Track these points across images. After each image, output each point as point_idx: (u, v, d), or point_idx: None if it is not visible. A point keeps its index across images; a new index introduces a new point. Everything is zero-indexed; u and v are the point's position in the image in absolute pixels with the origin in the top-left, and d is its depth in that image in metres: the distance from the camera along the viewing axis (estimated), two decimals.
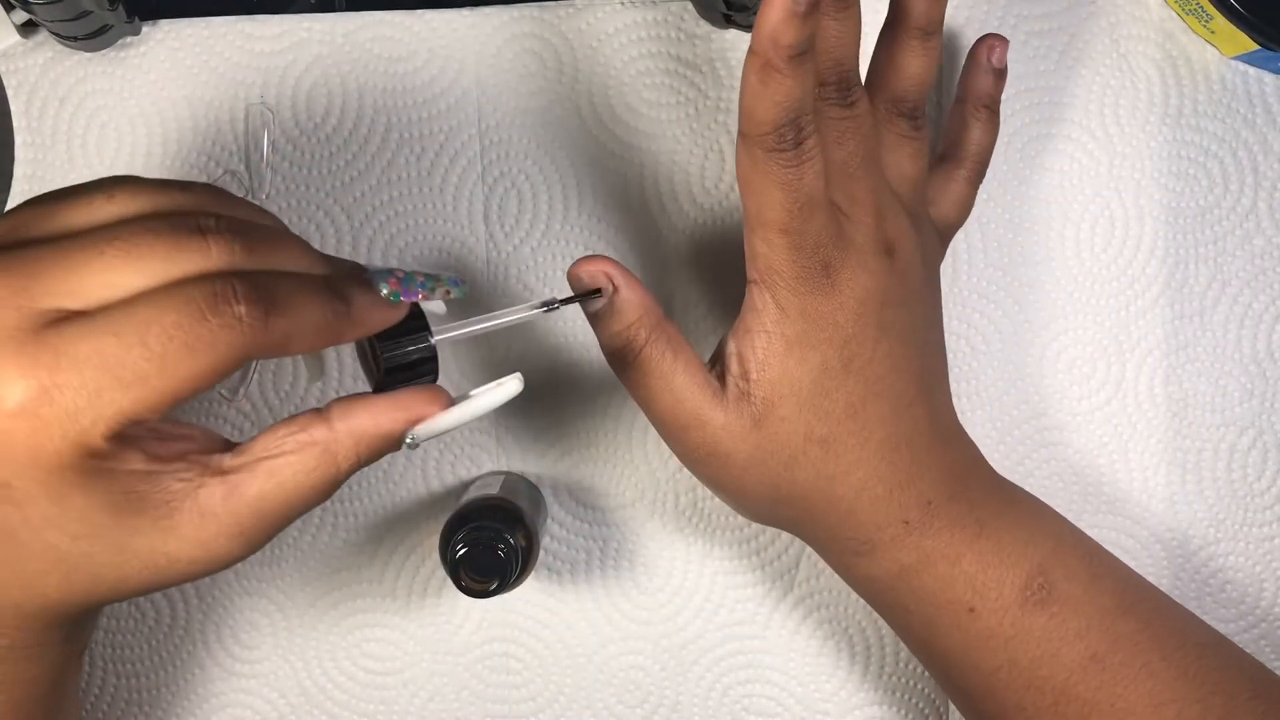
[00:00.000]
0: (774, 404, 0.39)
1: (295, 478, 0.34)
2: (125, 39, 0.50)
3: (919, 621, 0.42)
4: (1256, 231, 0.51)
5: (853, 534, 0.41)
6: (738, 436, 0.40)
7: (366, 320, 0.35)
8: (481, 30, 0.51)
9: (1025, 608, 0.40)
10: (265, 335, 0.31)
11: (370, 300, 0.35)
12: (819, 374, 0.39)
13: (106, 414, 0.30)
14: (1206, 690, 0.40)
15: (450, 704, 0.52)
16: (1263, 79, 0.51)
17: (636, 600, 0.52)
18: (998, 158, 0.51)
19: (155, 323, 0.30)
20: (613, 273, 0.40)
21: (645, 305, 0.40)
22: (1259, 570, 0.52)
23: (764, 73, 0.36)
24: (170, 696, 0.52)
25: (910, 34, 0.42)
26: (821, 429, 0.40)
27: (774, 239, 0.38)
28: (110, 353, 0.30)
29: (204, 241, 0.32)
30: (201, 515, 0.33)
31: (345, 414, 0.35)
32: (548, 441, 0.52)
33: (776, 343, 0.39)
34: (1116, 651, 0.40)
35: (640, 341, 0.40)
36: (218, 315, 0.31)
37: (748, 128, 0.37)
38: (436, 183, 0.51)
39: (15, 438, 0.30)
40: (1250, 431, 0.51)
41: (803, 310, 0.39)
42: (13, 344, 0.30)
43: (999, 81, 0.47)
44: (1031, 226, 0.51)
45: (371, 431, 0.35)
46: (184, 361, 0.30)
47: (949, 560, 0.41)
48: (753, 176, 0.38)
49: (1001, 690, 0.41)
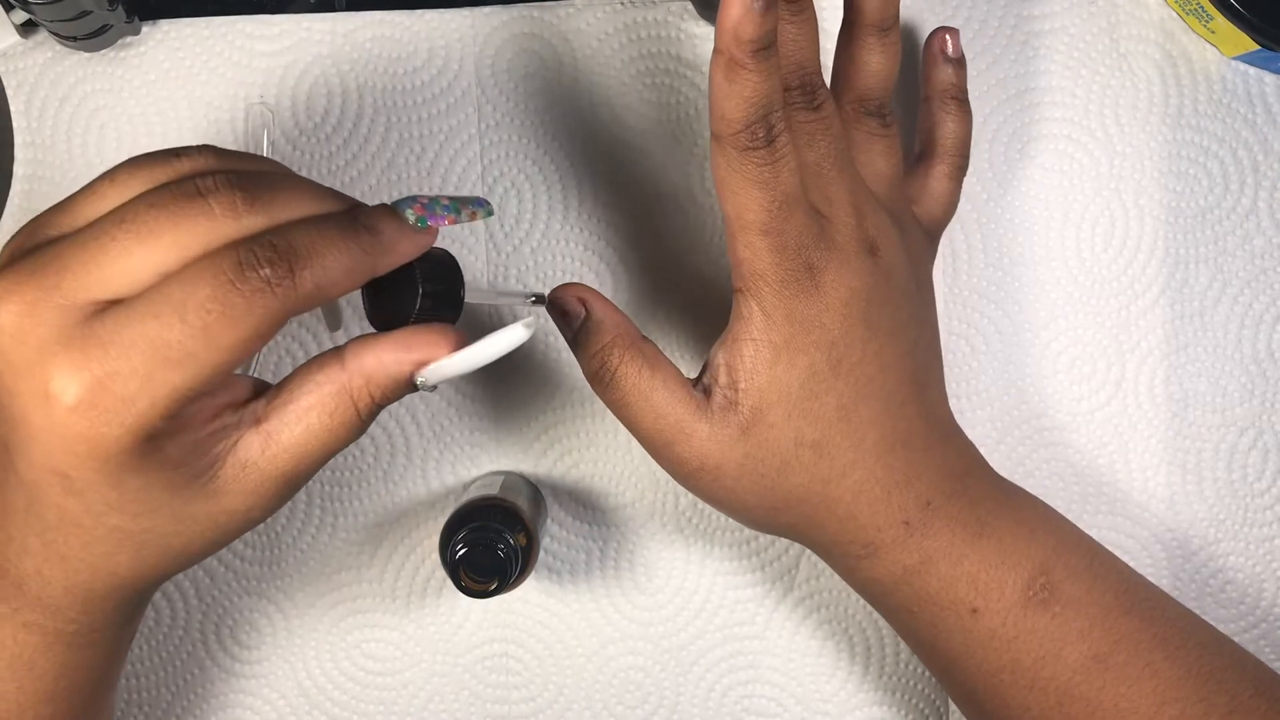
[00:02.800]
0: (762, 411, 0.39)
1: (320, 420, 0.35)
2: (125, 39, 0.50)
3: (923, 624, 0.42)
4: (1257, 231, 0.51)
5: (853, 537, 0.41)
6: (726, 446, 0.40)
7: (398, 247, 0.35)
8: (481, 30, 0.51)
9: (1028, 608, 0.40)
10: (297, 290, 0.32)
11: (399, 226, 0.35)
12: (807, 378, 0.39)
13: (161, 395, 0.31)
14: (1210, 689, 0.40)
15: (450, 704, 0.52)
16: (1263, 79, 0.51)
17: (636, 601, 0.52)
18: (998, 157, 0.51)
19: (190, 299, 0.31)
20: (586, 296, 0.41)
21: (619, 325, 0.41)
22: (1259, 570, 0.52)
23: (730, 70, 0.36)
24: (170, 696, 0.52)
25: (868, 31, 0.42)
26: (812, 433, 0.40)
27: (756, 242, 0.38)
28: (155, 335, 0.30)
29: (205, 202, 0.32)
30: (244, 468, 0.34)
31: (356, 355, 0.35)
32: (547, 441, 0.52)
33: (764, 350, 0.39)
34: (1119, 651, 0.40)
35: (615, 361, 0.40)
36: (246, 282, 0.31)
37: (719, 128, 0.37)
38: (436, 183, 0.51)
39: (76, 430, 0.31)
40: (1250, 432, 0.51)
41: (789, 314, 0.39)
42: (61, 341, 0.31)
43: (960, 71, 0.47)
44: (1031, 226, 0.51)
45: (380, 372, 0.35)
46: (226, 332, 0.31)
47: (951, 560, 0.41)
48: (729, 178, 0.38)
49: (1005, 691, 0.41)
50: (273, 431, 0.35)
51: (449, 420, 0.52)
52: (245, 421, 0.35)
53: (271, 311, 0.31)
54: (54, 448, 0.31)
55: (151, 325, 0.31)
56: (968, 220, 0.51)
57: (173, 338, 0.30)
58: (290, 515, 0.52)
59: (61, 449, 0.31)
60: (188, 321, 0.31)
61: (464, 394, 0.51)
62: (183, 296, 0.31)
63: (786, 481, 0.40)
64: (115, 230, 0.31)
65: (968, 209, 0.51)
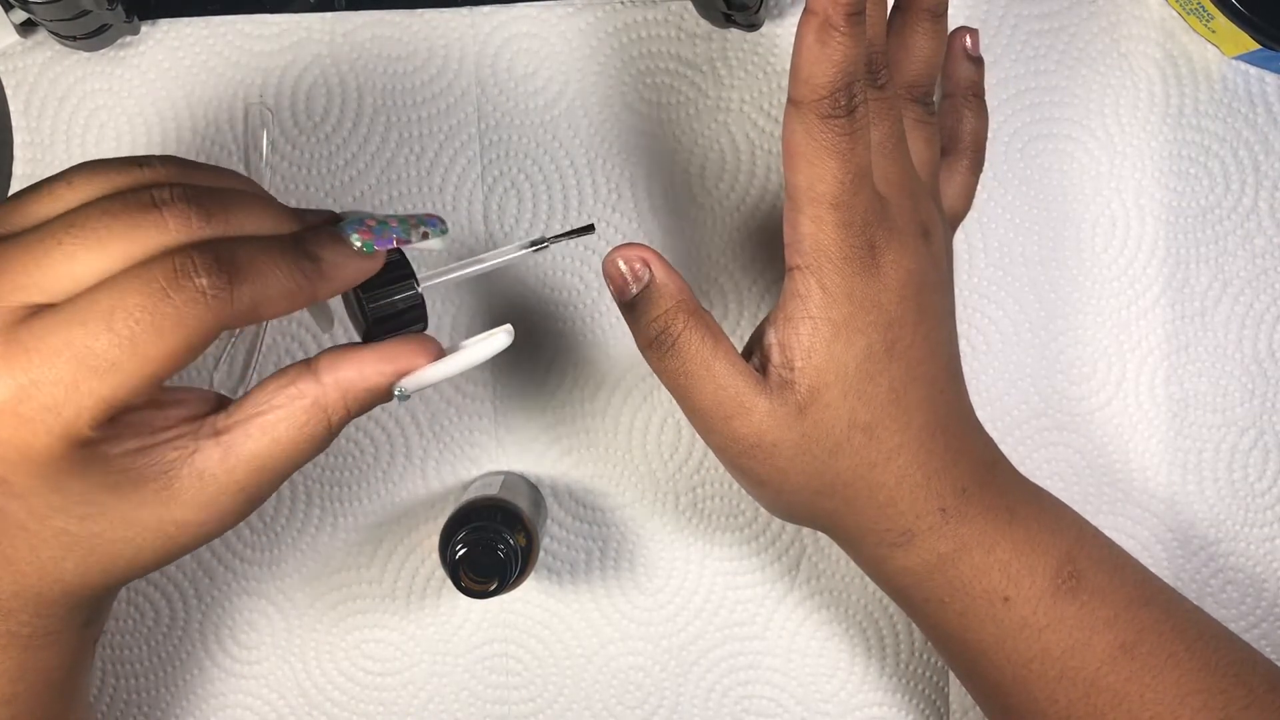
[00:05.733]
0: (819, 391, 0.39)
1: (288, 433, 0.34)
2: (124, 38, 0.50)
3: (953, 614, 0.42)
4: (1258, 231, 0.51)
5: (890, 524, 0.41)
6: (784, 425, 0.39)
7: (339, 276, 0.34)
8: (481, 30, 0.51)
9: (1058, 596, 0.40)
10: (232, 305, 0.31)
11: (342, 255, 0.34)
12: (864, 358, 0.39)
13: (87, 404, 0.30)
14: (1228, 682, 0.40)
15: (450, 704, 0.52)
16: (1264, 78, 0.51)
17: (636, 600, 0.52)
18: (998, 157, 0.51)
19: (119, 307, 0.30)
20: (649, 258, 0.39)
21: (682, 291, 0.40)
22: (1259, 570, 0.52)
23: (823, 32, 0.35)
24: (170, 696, 0.52)
25: (921, 16, 0.42)
26: (865, 415, 0.39)
27: (824, 215, 0.37)
28: (80, 343, 0.30)
29: (159, 215, 0.31)
30: (201, 479, 0.33)
31: (332, 367, 0.35)
32: (547, 441, 0.52)
33: (823, 328, 0.38)
34: (1143, 641, 0.40)
35: (679, 327, 0.39)
36: (180, 291, 0.30)
37: (803, 93, 0.36)
38: (436, 183, 0.51)
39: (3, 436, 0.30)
40: (1251, 432, 0.51)
41: (849, 293, 0.38)
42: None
43: (979, 69, 0.47)
44: (1031, 226, 0.51)
45: (359, 384, 0.35)
46: (153, 342, 0.30)
47: (984, 548, 0.40)
48: (806, 146, 0.37)
49: (1034, 681, 0.41)
50: (233, 443, 0.34)
51: (449, 420, 0.51)
52: (204, 432, 0.34)
53: (202, 323, 0.31)
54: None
55: (77, 332, 0.30)
56: (968, 220, 0.51)
57: (98, 346, 0.30)
58: (290, 515, 0.52)
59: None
60: (114, 330, 0.30)
61: (464, 394, 0.51)
62: (111, 304, 0.30)
63: (836, 463, 0.40)
64: (63, 235, 0.31)
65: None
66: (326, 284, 0.34)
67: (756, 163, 0.51)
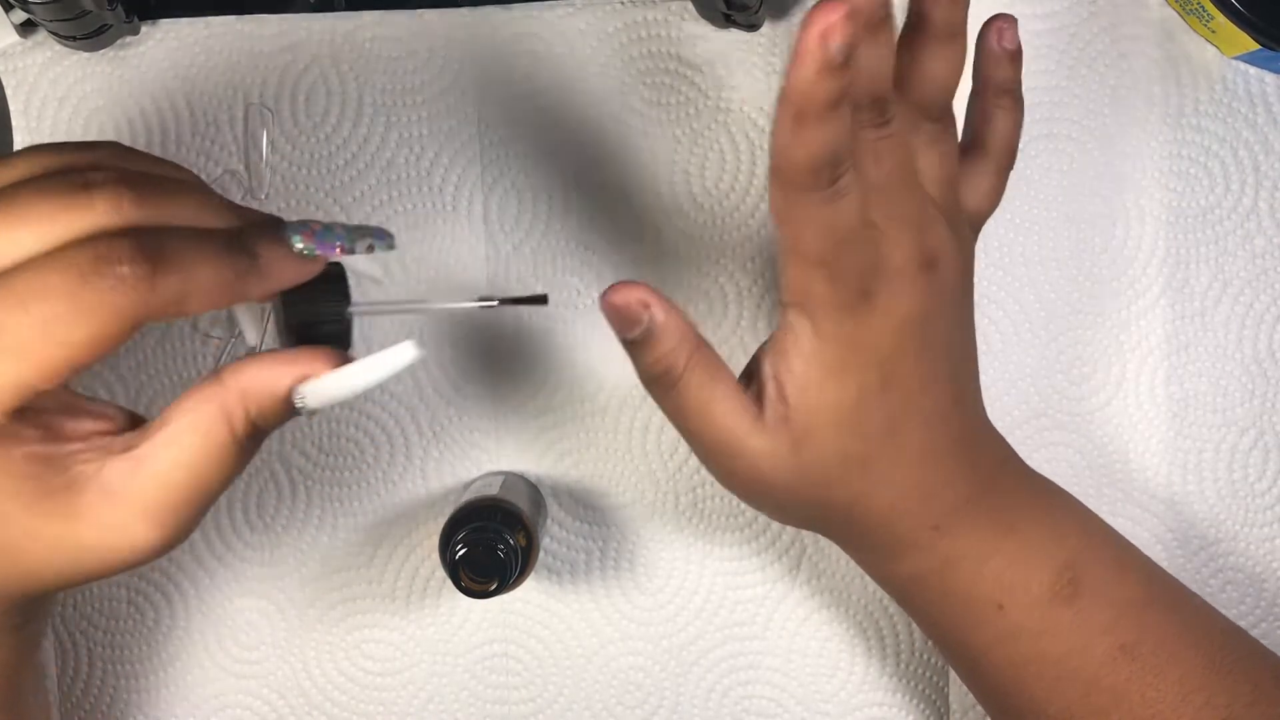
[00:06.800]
0: (812, 430, 0.38)
1: (193, 441, 0.32)
2: (124, 39, 0.50)
3: (948, 619, 0.42)
4: (1258, 231, 0.51)
5: (883, 540, 0.41)
6: (778, 461, 0.39)
7: (275, 275, 0.33)
8: (481, 30, 0.51)
9: (1054, 603, 0.40)
10: (153, 295, 0.30)
11: (280, 254, 0.33)
12: (857, 396, 0.38)
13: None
14: (1234, 679, 0.40)
15: (450, 705, 0.52)
16: (1264, 79, 0.51)
17: (636, 600, 0.52)
18: None
19: (36, 288, 0.29)
20: (649, 300, 0.38)
21: (683, 331, 0.39)
22: (1259, 570, 0.52)
23: (798, 121, 0.34)
24: (170, 696, 0.52)
25: (933, 39, 0.39)
26: (859, 448, 0.39)
27: (811, 272, 0.37)
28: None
29: (89, 197, 0.30)
30: (107, 496, 0.32)
31: (235, 370, 0.33)
32: (547, 441, 0.52)
33: (814, 368, 0.38)
34: (1145, 641, 0.40)
35: (679, 368, 0.38)
36: (100, 277, 0.29)
37: (780, 166, 0.35)
38: (436, 182, 0.51)
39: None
40: (1251, 432, 0.51)
41: (841, 337, 0.37)
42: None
43: (1015, 64, 0.43)
44: (1031, 226, 0.51)
45: (257, 387, 0.33)
46: (69, 327, 0.29)
47: (978, 559, 0.40)
48: (786, 212, 0.36)
49: (1032, 683, 0.41)
50: (142, 457, 0.32)
51: (449, 420, 0.51)
52: (115, 447, 0.32)
53: (122, 312, 0.29)
54: None
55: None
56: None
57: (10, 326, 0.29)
58: (290, 515, 0.52)
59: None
60: (29, 311, 0.29)
61: (464, 394, 0.51)
62: (28, 285, 0.29)
63: (831, 495, 0.40)
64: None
65: None
66: (260, 282, 0.33)
67: (756, 163, 0.51)
